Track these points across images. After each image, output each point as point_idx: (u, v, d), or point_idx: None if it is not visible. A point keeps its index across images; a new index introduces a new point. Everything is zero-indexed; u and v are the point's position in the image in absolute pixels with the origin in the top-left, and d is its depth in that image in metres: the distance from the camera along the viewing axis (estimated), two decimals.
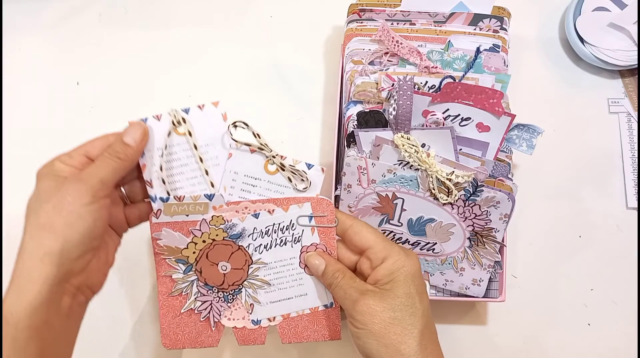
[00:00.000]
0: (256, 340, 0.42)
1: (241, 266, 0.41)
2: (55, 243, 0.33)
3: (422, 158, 0.43)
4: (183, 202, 0.39)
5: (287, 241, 0.41)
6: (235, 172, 0.41)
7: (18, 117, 0.57)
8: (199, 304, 0.41)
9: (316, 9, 0.60)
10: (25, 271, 0.33)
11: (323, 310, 0.42)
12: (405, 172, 0.44)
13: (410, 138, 0.43)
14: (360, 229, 0.39)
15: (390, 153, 0.44)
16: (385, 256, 0.37)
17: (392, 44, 0.47)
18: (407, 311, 0.36)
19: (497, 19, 0.48)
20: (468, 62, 0.47)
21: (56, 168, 0.36)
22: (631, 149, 0.55)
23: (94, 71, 0.59)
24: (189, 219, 0.40)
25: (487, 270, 0.46)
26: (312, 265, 0.40)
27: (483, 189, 0.43)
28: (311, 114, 0.57)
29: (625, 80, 0.57)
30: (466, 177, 0.43)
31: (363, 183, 0.45)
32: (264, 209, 0.40)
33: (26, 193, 0.54)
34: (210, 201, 0.40)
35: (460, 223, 0.45)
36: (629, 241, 0.53)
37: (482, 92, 0.43)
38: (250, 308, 0.42)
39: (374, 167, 0.44)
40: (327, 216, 0.41)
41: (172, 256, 0.40)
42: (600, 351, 0.51)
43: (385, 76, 0.46)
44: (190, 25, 0.60)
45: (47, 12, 0.61)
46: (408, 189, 0.44)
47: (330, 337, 0.42)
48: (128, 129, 0.38)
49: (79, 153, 0.37)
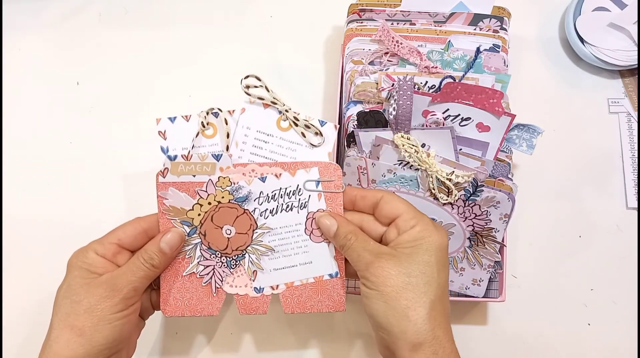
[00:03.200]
0: (258, 309, 0.41)
1: (246, 230, 0.41)
2: (83, 348, 0.34)
3: (422, 158, 0.42)
4: (190, 161, 0.39)
5: (293, 207, 0.41)
6: (247, 127, 0.41)
7: (18, 117, 0.57)
8: (201, 268, 0.40)
9: (316, 9, 0.60)
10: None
11: (328, 280, 0.41)
12: (405, 172, 0.44)
13: (410, 137, 0.43)
14: (392, 198, 0.38)
15: (390, 153, 0.44)
16: (414, 224, 0.36)
17: (392, 44, 0.47)
18: (423, 279, 0.34)
19: (497, 19, 0.48)
20: (468, 62, 0.47)
21: (90, 261, 0.36)
22: (631, 149, 0.55)
23: (94, 71, 0.59)
24: (195, 180, 0.40)
25: (487, 270, 0.46)
26: (323, 225, 0.39)
27: (483, 189, 0.43)
28: (311, 114, 0.57)
29: (625, 80, 0.57)
30: (466, 177, 0.42)
31: (363, 183, 0.45)
32: (271, 173, 0.40)
33: (26, 193, 0.55)
34: (218, 162, 0.39)
35: (460, 223, 0.45)
36: (629, 241, 0.53)
37: (482, 92, 0.43)
38: (254, 276, 0.41)
39: (374, 167, 0.44)
40: (334, 182, 0.40)
41: (177, 218, 0.40)
42: (600, 351, 0.51)
43: (385, 76, 0.46)
44: (190, 25, 0.60)
45: (47, 12, 0.61)
46: (408, 190, 0.44)
47: (335, 308, 0.41)
48: (165, 234, 0.38)
49: (111, 241, 0.37)
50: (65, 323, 0.35)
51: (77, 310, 0.35)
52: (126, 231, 0.38)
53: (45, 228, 0.54)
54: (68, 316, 0.35)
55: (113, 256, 0.37)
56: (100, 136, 0.57)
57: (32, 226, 0.54)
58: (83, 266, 0.36)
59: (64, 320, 0.35)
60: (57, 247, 0.53)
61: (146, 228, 0.38)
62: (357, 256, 0.36)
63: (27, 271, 0.53)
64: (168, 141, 0.41)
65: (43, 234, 0.54)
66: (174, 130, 0.41)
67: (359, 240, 0.37)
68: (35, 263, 0.53)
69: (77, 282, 0.35)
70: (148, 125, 0.56)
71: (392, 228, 0.38)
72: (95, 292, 0.35)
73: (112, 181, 0.55)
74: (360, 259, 0.36)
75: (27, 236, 0.54)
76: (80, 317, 0.34)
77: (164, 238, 0.37)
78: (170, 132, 0.41)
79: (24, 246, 0.54)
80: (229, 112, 0.41)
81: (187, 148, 0.40)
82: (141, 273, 0.36)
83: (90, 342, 0.34)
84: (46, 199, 0.55)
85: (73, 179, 0.56)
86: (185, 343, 0.51)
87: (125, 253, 0.38)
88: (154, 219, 0.39)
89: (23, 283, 0.53)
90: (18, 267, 0.53)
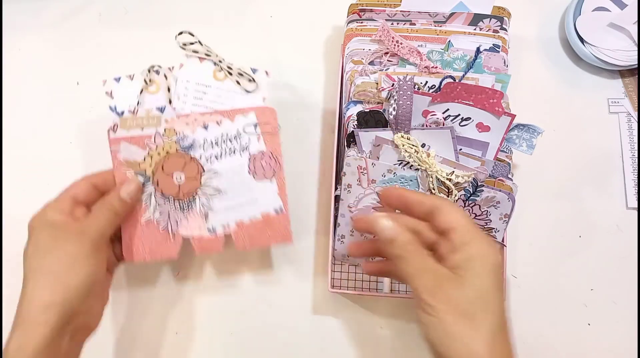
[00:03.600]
0: (213, 248, 0.44)
1: (194, 175, 0.44)
2: (60, 292, 0.35)
3: (422, 158, 0.43)
4: (137, 116, 0.44)
5: (235, 150, 0.44)
6: (187, 81, 0.45)
7: (18, 117, 0.57)
8: (157, 215, 0.44)
9: (316, 9, 0.60)
10: (29, 319, 0.35)
11: (274, 216, 0.45)
12: (406, 172, 0.44)
13: (410, 137, 0.43)
14: (449, 210, 0.36)
15: (390, 152, 0.44)
16: (469, 240, 0.34)
17: (392, 44, 0.47)
18: (481, 305, 0.33)
19: (497, 19, 0.48)
20: (468, 62, 0.47)
21: (49, 218, 0.38)
22: (631, 149, 0.55)
23: (94, 71, 0.59)
24: (144, 133, 0.44)
25: None
26: (380, 226, 0.36)
27: (483, 189, 0.43)
28: (311, 114, 0.57)
29: (625, 80, 0.57)
30: (466, 177, 0.43)
31: (363, 183, 0.45)
32: (212, 121, 0.44)
33: (26, 193, 0.55)
34: (162, 114, 0.44)
35: None
36: (629, 241, 0.53)
37: (482, 92, 0.43)
38: (205, 217, 0.44)
39: (374, 167, 0.44)
40: (270, 124, 0.44)
41: (132, 169, 0.43)
42: (600, 351, 0.51)
43: (385, 76, 0.46)
44: (190, 25, 0.60)
45: (47, 12, 0.61)
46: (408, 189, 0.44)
47: (282, 240, 0.45)
48: (124, 185, 0.41)
49: (66, 198, 0.40)
50: (40, 272, 0.36)
51: (49, 260, 0.36)
52: (79, 186, 0.41)
53: None
54: (41, 267, 0.36)
55: (70, 211, 0.39)
56: (100, 136, 0.57)
57: None
58: (46, 225, 0.38)
59: (37, 270, 0.36)
60: None
61: (97, 183, 0.41)
62: (414, 274, 0.35)
63: None
64: (115, 100, 0.44)
65: None
66: (120, 89, 0.45)
67: (418, 255, 0.35)
68: None
69: (44, 238, 0.37)
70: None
71: (446, 242, 0.36)
72: (65, 240, 0.37)
73: None
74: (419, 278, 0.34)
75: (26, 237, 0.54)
76: (53, 264, 0.36)
77: (123, 188, 0.41)
78: (116, 92, 0.45)
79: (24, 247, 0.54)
80: (169, 69, 0.45)
81: (133, 105, 0.44)
82: (105, 219, 0.39)
83: (67, 286, 0.35)
84: (46, 199, 0.55)
85: (73, 179, 0.55)
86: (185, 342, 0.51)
87: (81, 207, 0.40)
88: (105, 175, 0.42)
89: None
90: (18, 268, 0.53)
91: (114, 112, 0.44)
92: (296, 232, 0.54)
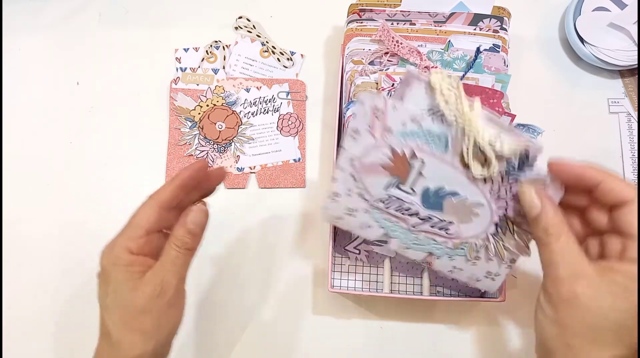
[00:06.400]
0: (239, 183, 0.54)
1: (233, 126, 0.55)
2: (148, 345, 0.34)
3: (463, 108, 0.32)
4: (196, 73, 0.56)
5: (268, 111, 0.56)
6: (239, 54, 0.58)
7: (18, 117, 0.57)
8: (198, 152, 0.54)
9: (316, 9, 0.60)
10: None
11: (292, 163, 0.54)
12: (435, 126, 0.33)
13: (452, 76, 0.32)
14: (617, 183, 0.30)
15: (420, 95, 0.33)
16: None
17: (392, 44, 0.47)
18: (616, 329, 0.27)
19: (497, 19, 0.48)
20: (468, 62, 0.47)
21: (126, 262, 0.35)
22: (631, 149, 0.55)
23: (94, 71, 0.59)
24: (198, 88, 0.56)
25: (507, 265, 0.38)
26: (527, 202, 0.31)
27: (533, 167, 0.32)
28: (311, 114, 0.57)
29: (625, 80, 0.57)
30: (515, 147, 0.31)
31: (376, 130, 0.35)
32: (254, 85, 0.56)
33: (26, 193, 0.55)
34: (216, 75, 0.56)
35: (490, 204, 0.35)
36: None
37: (482, 92, 0.43)
38: (237, 159, 0.54)
39: (395, 111, 0.33)
40: (300, 93, 0.56)
41: (183, 115, 0.55)
42: None
43: (385, 76, 0.46)
44: (190, 25, 0.60)
45: (47, 12, 0.61)
46: (433, 150, 0.34)
47: (297, 185, 0.54)
48: (189, 215, 0.36)
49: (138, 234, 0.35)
50: (125, 327, 0.34)
51: (132, 313, 0.34)
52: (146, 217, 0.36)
53: (45, 228, 0.54)
54: (125, 322, 0.34)
55: (145, 245, 0.36)
56: (100, 136, 0.57)
57: (31, 226, 0.54)
58: (122, 269, 0.35)
59: (121, 325, 0.35)
60: (57, 247, 0.54)
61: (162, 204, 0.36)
62: (549, 260, 0.30)
63: (27, 271, 0.53)
64: (182, 63, 0.57)
65: (43, 234, 0.54)
66: (186, 57, 0.58)
67: (561, 242, 0.30)
68: (35, 263, 0.53)
69: (123, 287, 0.35)
70: (148, 124, 0.57)
71: (618, 240, 0.30)
72: (145, 292, 0.34)
73: (112, 182, 0.55)
74: (552, 265, 0.30)
75: (26, 237, 0.54)
76: (138, 320, 0.34)
77: (189, 218, 0.36)
78: (183, 58, 0.58)
79: (24, 247, 0.54)
80: (226, 46, 0.58)
81: (194, 67, 0.57)
82: (180, 261, 0.35)
83: (156, 338, 0.35)
84: (46, 199, 0.55)
85: (73, 179, 0.56)
86: None
87: (154, 235, 0.36)
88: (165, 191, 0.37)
89: (23, 283, 0.53)
90: (18, 267, 0.53)
91: (179, 71, 0.57)
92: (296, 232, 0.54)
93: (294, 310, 0.52)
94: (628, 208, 0.29)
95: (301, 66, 0.58)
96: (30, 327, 0.52)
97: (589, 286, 0.28)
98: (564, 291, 0.29)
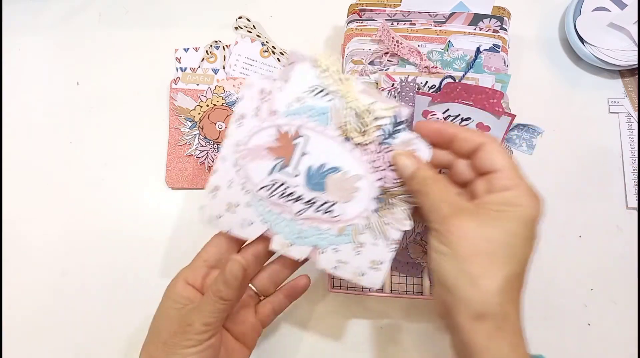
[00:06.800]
0: None
1: None
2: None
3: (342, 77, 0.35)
4: (196, 73, 0.56)
5: None
6: (239, 54, 0.57)
7: (18, 117, 0.57)
8: (198, 152, 0.54)
9: (316, 9, 0.60)
10: None
11: None
12: (317, 101, 0.36)
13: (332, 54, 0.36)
14: (493, 150, 0.33)
15: (304, 75, 0.36)
16: (510, 186, 0.32)
17: (392, 44, 0.47)
18: (504, 250, 0.30)
19: (497, 19, 0.48)
20: (468, 62, 0.47)
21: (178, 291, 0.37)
22: (631, 149, 0.55)
23: (94, 71, 0.59)
24: (198, 88, 0.56)
25: (391, 247, 0.38)
26: (400, 164, 0.35)
27: (400, 131, 0.35)
28: None
29: (625, 80, 0.57)
30: (388, 111, 0.35)
31: (262, 113, 0.37)
32: None
33: (25, 193, 0.55)
34: (216, 75, 0.56)
35: (368, 176, 0.37)
36: (629, 241, 0.53)
37: (482, 92, 0.43)
38: None
39: (281, 92, 0.36)
40: None
41: (183, 115, 0.55)
42: (600, 351, 0.51)
43: (385, 76, 0.46)
44: (190, 25, 0.60)
45: (47, 12, 0.61)
46: (316, 125, 0.36)
47: None
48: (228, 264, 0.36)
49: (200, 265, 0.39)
50: (147, 350, 0.37)
51: (156, 340, 0.36)
52: (209, 251, 0.39)
53: (45, 228, 0.54)
54: (149, 344, 0.37)
55: (203, 279, 0.38)
56: (100, 136, 0.57)
57: (31, 226, 0.54)
58: (171, 297, 0.37)
59: (146, 347, 0.37)
60: (57, 247, 0.54)
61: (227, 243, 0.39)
62: (431, 205, 0.33)
63: (27, 271, 0.53)
64: (182, 63, 0.57)
65: (42, 234, 0.54)
66: (186, 57, 0.57)
67: (437, 187, 0.33)
68: (35, 263, 0.53)
69: (164, 315, 0.37)
70: (148, 124, 0.57)
71: (483, 180, 0.33)
72: (171, 326, 0.36)
73: (112, 182, 0.55)
74: (436, 209, 0.32)
75: (26, 237, 0.54)
76: (157, 348, 0.36)
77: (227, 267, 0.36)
78: (183, 58, 0.57)
79: (24, 247, 0.54)
80: (226, 46, 0.58)
81: (194, 67, 0.57)
82: (210, 307, 0.35)
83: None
84: (46, 199, 0.55)
85: (73, 179, 0.56)
86: None
87: (214, 273, 0.39)
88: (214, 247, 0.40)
89: (22, 283, 0.53)
90: (18, 267, 0.53)
91: (179, 71, 0.56)
92: None
93: (294, 310, 0.52)
94: (483, 149, 0.33)
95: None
96: (30, 327, 0.52)
97: (472, 218, 0.31)
98: (452, 226, 0.31)
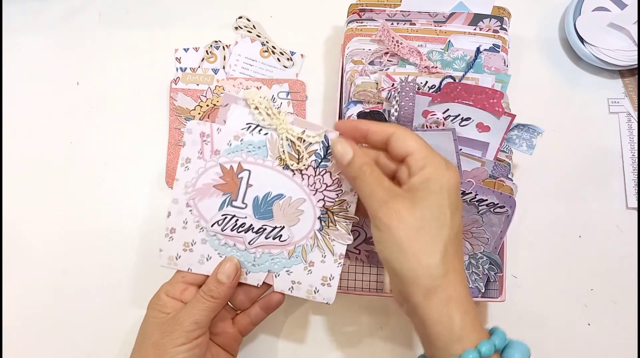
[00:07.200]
0: None
1: None
2: None
3: (273, 111, 0.39)
4: (196, 73, 0.56)
5: None
6: (239, 54, 0.57)
7: (18, 117, 0.57)
8: None
9: (316, 9, 0.60)
10: None
11: None
12: (254, 137, 0.39)
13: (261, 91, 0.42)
14: (403, 135, 0.36)
15: (240, 114, 0.39)
16: (425, 164, 0.34)
17: (392, 44, 0.47)
18: (436, 223, 0.33)
19: (497, 19, 0.48)
20: (468, 62, 0.47)
21: (161, 302, 0.40)
22: (631, 149, 0.55)
23: (94, 71, 0.59)
24: (198, 88, 0.56)
25: (338, 262, 0.41)
26: (337, 152, 0.37)
27: None
28: (311, 114, 0.57)
29: (625, 80, 0.57)
30: (317, 137, 0.38)
31: (205, 154, 0.40)
32: (254, 85, 0.56)
33: (25, 193, 0.55)
34: (216, 75, 0.56)
35: (310, 198, 0.40)
36: (629, 241, 0.53)
37: (482, 92, 0.43)
38: None
39: (220, 133, 0.39)
40: (300, 93, 0.56)
41: (183, 115, 0.55)
42: (600, 351, 0.51)
43: (385, 76, 0.46)
44: (190, 25, 0.60)
45: (47, 12, 0.61)
46: (256, 159, 0.40)
47: None
48: (223, 266, 0.40)
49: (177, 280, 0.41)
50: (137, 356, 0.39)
51: (146, 344, 0.38)
52: None
53: (45, 228, 0.54)
54: (139, 350, 0.39)
55: (181, 293, 0.40)
56: (100, 136, 0.57)
57: (31, 226, 0.54)
58: (155, 308, 0.39)
59: (135, 354, 0.39)
60: (56, 247, 0.54)
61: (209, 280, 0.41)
62: (369, 192, 0.35)
63: (27, 271, 0.53)
64: (182, 63, 0.57)
65: (42, 234, 0.54)
66: (186, 57, 0.57)
67: (374, 174, 0.35)
68: (35, 262, 0.53)
69: (150, 322, 0.39)
70: (148, 124, 0.57)
71: (403, 167, 0.36)
72: (161, 328, 0.38)
73: (112, 182, 0.55)
74: (373, 195, 0.34)
75: (26, 236, 0.54)
76: (147, 350, 0.38)
77: (220, 269, 0.40)
78: (183, 58, 0.57)
79: (24, 247, 0.54)
80: (226, 46, 0.57)
81: (194, 67, 0.57)
82: (201, 305, 0.38)
83: None
84: (46, 199, 0.55)
85: (73, 179, 0.56)
86: None
87: (191, 288, 0.41)
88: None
89: (22, 283, 0.53)
90: (18, 268, 0.53)
91: (179, 71, 0.56)
92: None
93: (294, 310, 0.52)
94: (394, 137, 0.36)
95: (301, 66, 0.58)
96: (30, 327, 0.52)
97: (405, 200, 0.34)
98: (389, 210, 0.33)
